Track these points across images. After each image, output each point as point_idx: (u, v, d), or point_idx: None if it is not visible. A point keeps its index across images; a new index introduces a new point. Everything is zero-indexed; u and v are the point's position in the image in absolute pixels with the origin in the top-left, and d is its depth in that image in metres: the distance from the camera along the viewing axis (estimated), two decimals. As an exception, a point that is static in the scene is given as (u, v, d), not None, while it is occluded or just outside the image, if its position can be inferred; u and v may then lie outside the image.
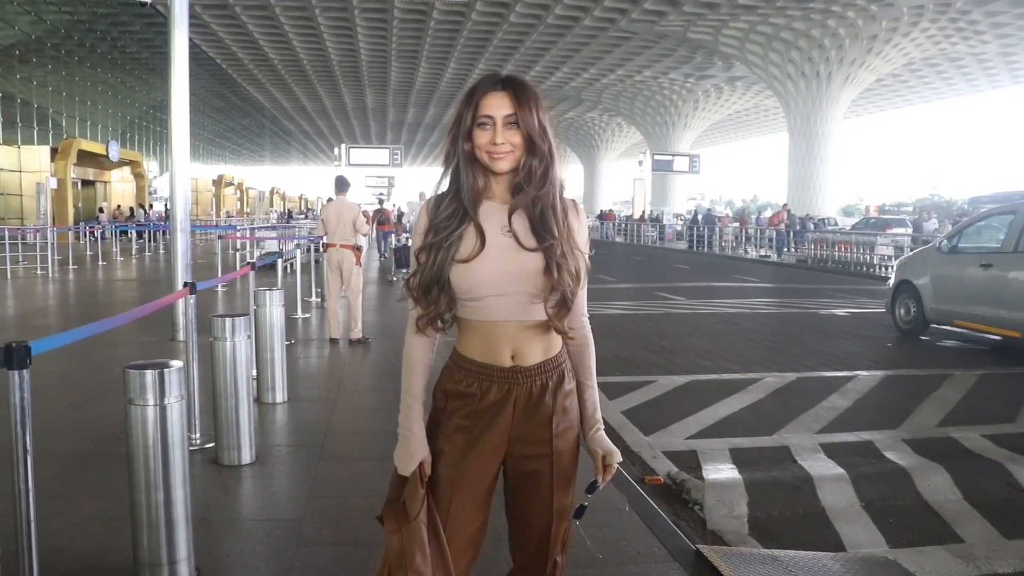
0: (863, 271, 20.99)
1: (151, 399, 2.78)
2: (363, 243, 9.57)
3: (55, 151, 30.07)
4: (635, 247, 36.70)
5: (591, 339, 1.93)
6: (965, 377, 7.46)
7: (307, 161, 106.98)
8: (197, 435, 4.62)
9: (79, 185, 35.23)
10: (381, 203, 25.98)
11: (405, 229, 21.28)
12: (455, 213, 1.77)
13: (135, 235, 25.23)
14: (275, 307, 5.70)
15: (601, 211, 51.72)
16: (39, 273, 16.60)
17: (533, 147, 1.75)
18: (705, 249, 31.99)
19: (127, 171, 39.01)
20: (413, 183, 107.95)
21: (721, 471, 4.66)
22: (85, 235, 26.60)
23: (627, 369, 7.68)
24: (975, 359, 8.63)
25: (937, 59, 37.97)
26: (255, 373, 5.40)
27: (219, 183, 51.03)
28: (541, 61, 41.48)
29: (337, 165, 33.94)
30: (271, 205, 60.63)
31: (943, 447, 5.20)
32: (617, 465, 1.89)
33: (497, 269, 1.74)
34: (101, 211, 33.89)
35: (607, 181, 70.13)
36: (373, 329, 9.25)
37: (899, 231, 25.67)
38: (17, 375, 2.20)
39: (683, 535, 3.59)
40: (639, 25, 33.88)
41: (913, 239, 20.72)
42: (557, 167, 1.79)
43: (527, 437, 1.82)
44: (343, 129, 72.59)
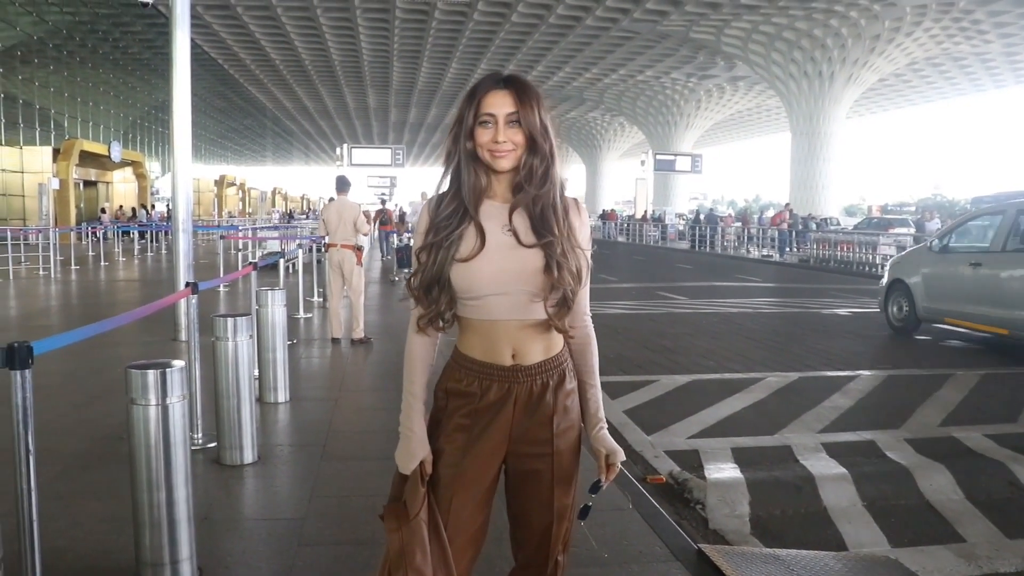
0: (865, 271, 20.95)
1: (153, 399, 2.78)
2: (364, 243, 9.57)
3: (57, 152, 30.11)
4: (637, 247, 36.69)
5: (594, 338, 1.93)
6: (967, 377, 7.45)
7: (309, 161, 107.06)
8: (199, 435, 4.63)
9: (81, 186, 35.25)
10: (383, 203, 26.00)
11: (407, 229, 21.28)
12: (455, 212, 1.77)
13: (137, 235, 25.24)
14: (277, 307, 5.71)
15: (603, 211, 51.72)
16: (41, 274, 16.62)
17: (534, 146, 1.75)
18: (707, 249, 31.97)
19: (129, 172, 39.06)
20: (415, 183, 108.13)
21: (723, 470, 4.66)
22: (87, 236, 26.63)
23: (629, 368, 7.68)
24: (977, 359, 8.62)
25: (940, 58, 37.91)
26: (257, 373, 5.40)
27: (221, 183, 51.11)
28: (543, 61, 41.48)
29: (339, 165, 33.97)
30: (273, 205, 60.67)
31: (945, 447, 5.19)
32: (620, 464, 1.89)
33: (497, 268, 1.74)
34: (103, 211, 33.91)
35: (609, 181, 70.14)
36: (375, 329, 9.25)
37: (901, 231, 25.64)
38: (19, 375, 2.20)
39: (685, 534, 3.59)
40: (641, 25, 33.86)
41: (915, 239, 20.67)
42: (558, 166, 1.79)
43: (528, 436, 1.82)
44: (345, 129, 72.62)
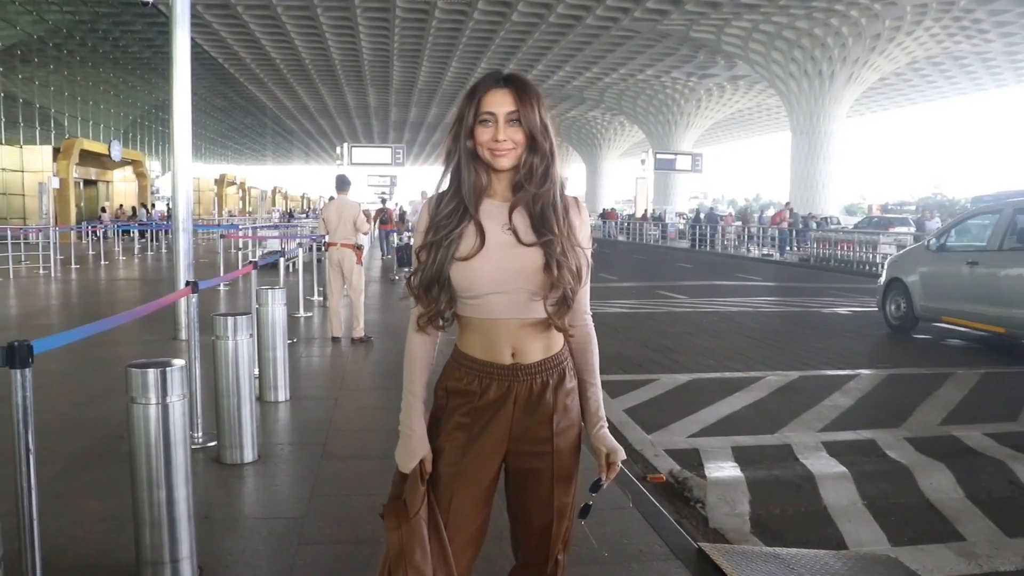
0: (866, 270, 20.95)
1: (153, 398, 2.78)
2: (364, 242, 9.57)
3: (57, 151, 30.12)
4: (637, 246, 36.69)
5: (594, 337, 1.93)
6: (967, 376, 7.45)
7: (309, 160, 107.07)
8: (199, 434, 4.63)
9: (81, 185, 35.28)
10: (384, 202, 26.02)
11: (407, 228, 21.28)
12: (455, 211, 1.77)
13: (137, 235, 25.26)
14: (277, 306, 5.70)
15: (603, 210, 51.72)
16: (41, 273, 16.62)
17: (535, 144, 1.75)
18: (707, 248, 31.97)
19: (129, 171, 39.08)
20: (415, 182, 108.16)
21: (723, 469, 4.66)
22: (87, 235, 26.62)
23: (629, 367, 7.68)
24: (977, 358, 8.62)
25: (940, 58, 37.90)
26: (257, 372, 5.40)
27: (221, 182, 51.17)
28: (543, 60, 41.47)
29: (339, 164, 33.98)
30: (273, 204, 60.68)
31: (945, 445, 5.19)
32: (620, 463, 1.89)
33: (497, 266, 1.74)
34: (103, 211, 33.89)
35: (609, 180, 70.15)
36: (375, 328, 9.25)
37: (902, 230, 25.66)
38: (19, 374, 2.20)
39: (685, 533, 3.59)
40: (641, 24, 33.85)
41: (916, 238, 20.66)
42: (558, 165, 1.79)
43: (528, 435, 1.82)
44: (345, 128, 72.63)
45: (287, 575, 3.06)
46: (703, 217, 36.47)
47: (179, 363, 2.86)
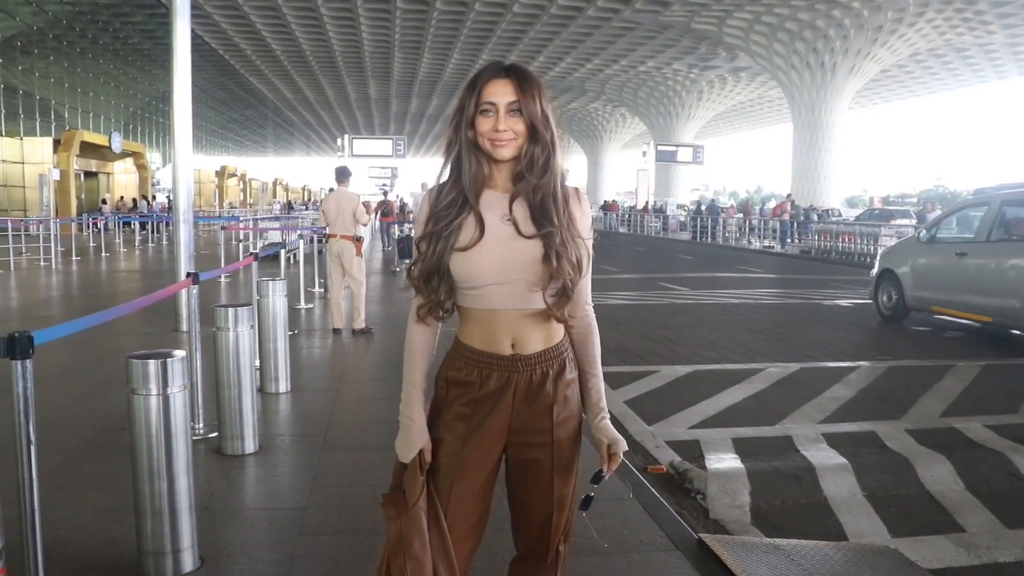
0: (867, 262, 20.84)
1: (154, 389, 2.79)
2: (364, 233, 9.56)
3: (58, 142, 30.10)
4: (639, 238, 36.67)
5: (595, 328, 1.92)
6: (968, 368, 7.46)
7: (310, 152, 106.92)
8: (200, 425, 4.64)
9: (82, 176, 35.25)
10: (385, 194, 25.99)
11: (408, 219, 21.28)
12: (455, 201, 1.77)
13: (138, 226, 25.25)
14: (278, 297, 5.71)
15: (605, 201, 51.68)
16: (42, 264, 16.63)
17: (535, 135, 1.75)
18: (708, 240, 31.95)
19: (130, 162, 39.06)
20: (416, 174, 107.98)
21: (724, 460, 4.66)
22: (88, 226, 26.62)
23: (630, 359, 7.68)
24: (978, 350, 8.62)
25: (943, 50, 37.74)
26: (258, 363, 5.41)
27: (222, 174, 51.12)
28: (544, 51, 41.34)
29: (340, 156, 33.86)
30: (274, 196, 60.64)
31: (945, 437, 5.20)
32: (622, 454, 1.89)
33: (496, 257, 1.74)
34: (104, 202, 33.92)
35: (611, 172, 69.99)
36: (376, 319, 9.26)
37: (903, 222, 25.61)
38: (20, 365, 2.20)
39: (686, 524, 3.60)
40: (643, 15, 33.73)
41: (916, 231, 20.63)
42: (559, 155, 1.79)
43: (528, 426, 1.82)
44: (346, 120, 72.49)
45: (288, 566, 3.07)
46: (704, 209, 36.40)
47: (180, 354, 2.87)
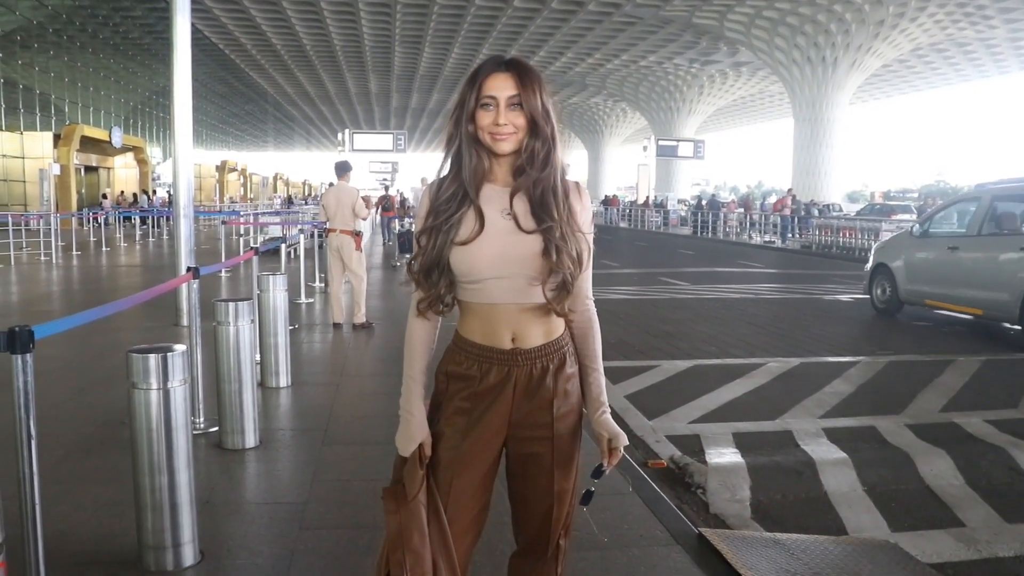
0: (867, 257, 20.87)
1: (155, 383, 2.79)
2: (363, 228, 9.55)
3: (58, 137, 30.06)
4: (639, 232, 36.64)
5: (596, 322, 1.92)
6: (968, 363, 7.46)
7: (311, 147, 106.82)
8: (201, 419, 4.64)
9: (82, 171, 35.24)
10: (386, 189, 25.99)
11: (408, 214, 21.27)
12: (455, 195, 1.77)
13: (138, 221, 25.25)
14: (278, 292, 5.71)
15: (605, 196, 51.61)
16: (42, 259, 16.63)
17: (536, 129, 1.75)
18: (709, 235, 31.91)
19: (130, 157, 39.02)
20: (417, 168, 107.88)
21: (724, 455, 4.67)
22: (88, 221, 26.62)
23: (631, 354, 7.68)
24: (978, 345, 8.62)
25: (944, 44, 37.67)
26: (259, 358, 5.41)
27: (222, 169, 51.12)
28: (545, 46, 41.27)
29: (341, 150, 33.86)
30: (275, 191, 60.60)
31: (945, 432, 5.20)
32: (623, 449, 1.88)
33: (496, 251, 1.73)
34: (104, 197, 33.87)
35: (611, 167, 69.93)
36: (377, 314, 9.26)
37: (904, 217, 25.59)
38: (20, 359, 2.20)
39: (686, 519, 3.60)
40: (644, 10, 33.66)
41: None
42: (559, 150, 1.79)
43: (528, 420, 1.82)
44: (347, 114, 72.40)
45: (288, 560, 3.07)
46: (705, 204, 36.36)
47: (180, 348, 2.86)
